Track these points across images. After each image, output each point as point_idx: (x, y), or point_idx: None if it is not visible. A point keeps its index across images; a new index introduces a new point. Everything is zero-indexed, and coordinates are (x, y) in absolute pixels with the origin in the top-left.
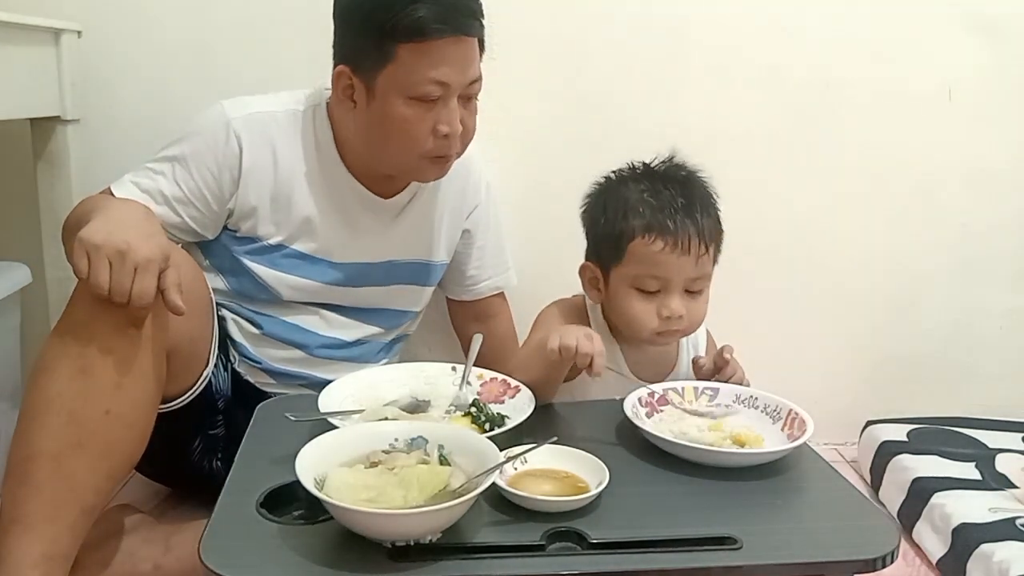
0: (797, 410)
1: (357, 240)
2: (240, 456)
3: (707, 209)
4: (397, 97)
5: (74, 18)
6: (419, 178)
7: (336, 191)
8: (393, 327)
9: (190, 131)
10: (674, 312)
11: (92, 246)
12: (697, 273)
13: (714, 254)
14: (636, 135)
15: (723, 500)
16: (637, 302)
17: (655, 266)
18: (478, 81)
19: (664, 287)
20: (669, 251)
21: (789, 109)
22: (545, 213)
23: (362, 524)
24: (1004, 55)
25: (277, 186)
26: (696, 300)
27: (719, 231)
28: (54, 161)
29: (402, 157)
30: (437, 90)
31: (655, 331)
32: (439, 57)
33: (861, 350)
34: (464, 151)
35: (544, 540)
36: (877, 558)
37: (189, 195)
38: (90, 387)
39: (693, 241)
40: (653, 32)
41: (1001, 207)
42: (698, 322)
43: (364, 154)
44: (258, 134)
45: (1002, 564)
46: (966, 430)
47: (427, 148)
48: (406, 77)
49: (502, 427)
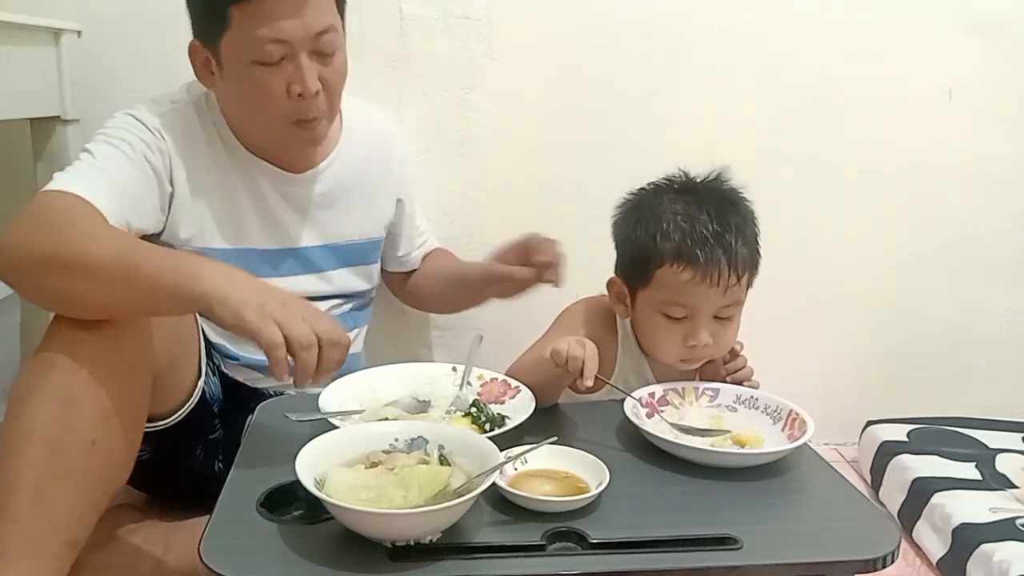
0: (797, 410)
1: (283, 224)
2: (240, 456)
3: (743, 236)
4: (241, 62)
5: (74, 18)
6: (294, 147)
7: (247, 176)
8: (352, 300)
9: (113, 136)
10: (700, 342)
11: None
12: (726, 302)
13: (749, 280)
14: (636, 136)
15: (723, 500)
16: (663, 328)
17: (682, 295)
18: (328, 32)
19: (691, 316)
20: (698, 282)
21: (789, 109)
22: (545, 213)
23: (362, 524)
24: (1004, 55)
25: (197, 182)
26: (725, 326)
27: (754, 258)
28: (54, 161)
29: (266, 126)
30: (278, 49)
31: (680, 358)
32: (270, 13)
33: (861, 350)
34: (333, 112)
35: (544, 540)
36: (877, 558)
37: (147, 187)
38: (74, 417)
39: (723, 273)
40: (653, 32)
41: (1001, 207)
42: (725, 347)
43: (251, 131)
44: (173, 132)
45: (1002, 564)
46: (966, 430)
47: (287, 111)
48: (243, 41)
49: (502, 427)
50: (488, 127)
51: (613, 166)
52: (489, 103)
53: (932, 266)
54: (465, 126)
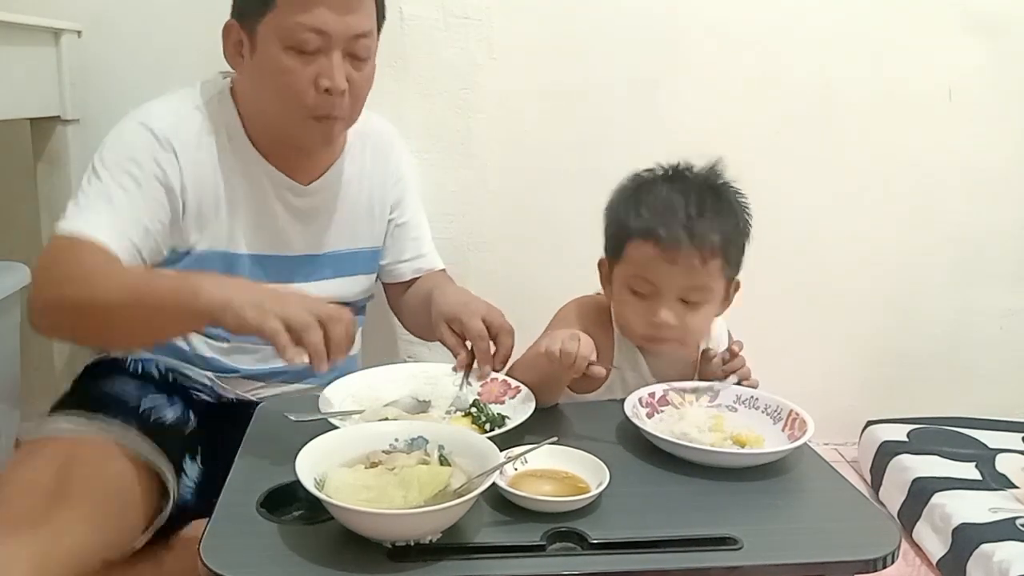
0: (798, 410)
1: (280, 230)
2: (240, 456)
3: (718, 223)
4: (276, 46)
5: (74, 18)
6: (307, 142)
7: (251, 179)
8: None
9: (121, 155)
10: (661, 320)
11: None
12: (691, 284)
13: (720, 269)
14: (636, 136)
15: (723, 500)
16: (630, 303)
17: (646, 270)
18: (367, 37)
19: (655, 293)
20: (660, 258)
21: (789, 109)
22: (545, 213)
23: (362, 524)
24: (1004, 55)
25: (204, 188)
26: (694, 311)
27: (729, 248)
28: (54, 161)
29: (285, 116)
30: (315, 39)
31: (642, 336)
32: (316, 2)
33: (861, 350)
34: (353, 117)
35: (544, 540)
36: (877, 558)
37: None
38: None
39: (683, 252)
40: (653, 33)
41: (1001, 207)
42: (695, 334)
43: (266, 124)
44: (183, 138)
45: (1002, 564)
46: (966, 430)
47: (308, 104)
48: (283, 23)
49: (502, 427)
50: (488, 127)
51: (613, 166)
52: (489, 103)
53: (932, 266)
54: (465, 126)
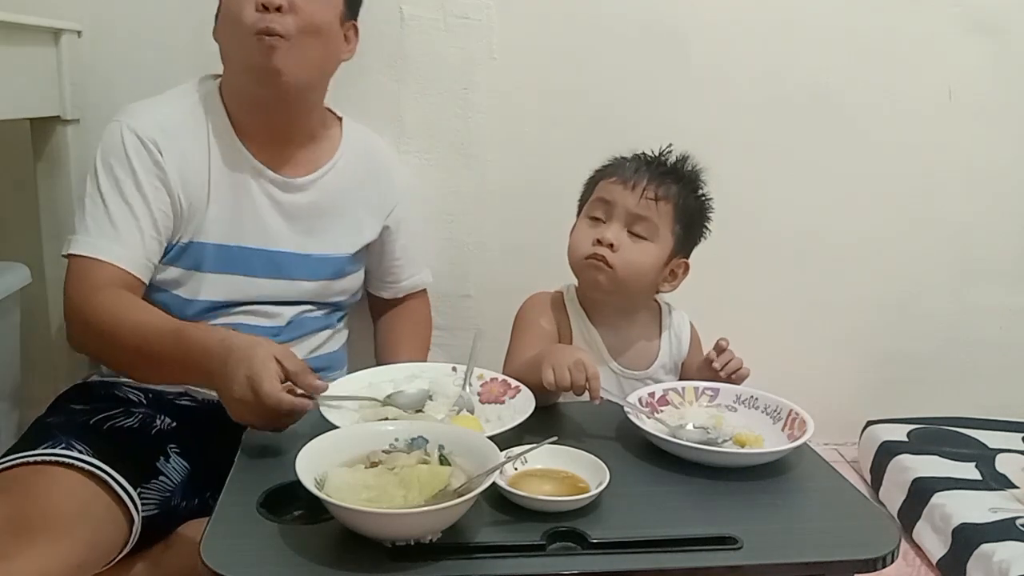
0: (797, 410)
1: (263, 224)
2: (240, 456)
3: (679, 185)
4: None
5: (74, 18)
6: (254, 63)
7: (239, 174)
8: (322, 308)
9: (119, 165)
10: (605, 238)
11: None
12: (639, 211)
13: (671, 218)
14: (636, 136)
15: (723, 500)
16: (582, 229)
17: (603, 191)
18: None
19: (607, 216)
20: (618, 182)
21: (789, 109)
22: (544, 213)
23: (362, 524)
24: (1004, 55)
25: (191, 181)
26: (637, 244)
27: (685, 208)
28: (54, 161)
29: (235, 43)
30: None
31: (584, 256)
32: None
33: (861, 350)
34: (300, 41)
35: (544, 540)
36: (877, 558)
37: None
38: None
39: (641, 183)
40: (654, 33)
41: (1001, 207)
42: (631, 266)
43: (241, 100)
44: (166, 134)
45: (1002, 564)
46: (966, 430)
47: (249, 22)
48: None
49: (502, 427)
50: (488, 127)
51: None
52: (489, 103)
53: (932, 266)
54: (465, 126)
